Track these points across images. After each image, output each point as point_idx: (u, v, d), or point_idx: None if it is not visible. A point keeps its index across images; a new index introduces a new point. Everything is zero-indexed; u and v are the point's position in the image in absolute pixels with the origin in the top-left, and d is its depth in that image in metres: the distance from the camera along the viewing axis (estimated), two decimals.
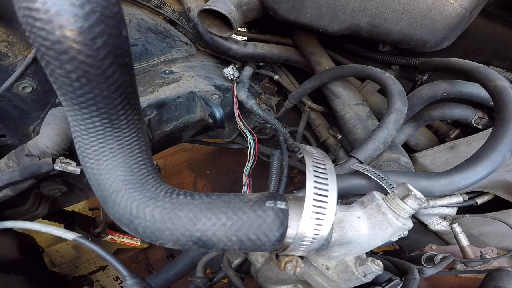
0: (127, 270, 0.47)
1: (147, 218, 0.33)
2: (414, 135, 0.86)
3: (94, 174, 0.35)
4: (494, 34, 0.79)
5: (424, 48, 0.79)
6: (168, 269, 0.60)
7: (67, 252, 1.41)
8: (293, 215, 0.33)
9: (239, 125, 0.93)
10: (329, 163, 0.34)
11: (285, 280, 0.47)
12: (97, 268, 1.43)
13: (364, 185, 0.55)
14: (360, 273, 0.39)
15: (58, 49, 0.23)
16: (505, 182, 0.74)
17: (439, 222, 0.88)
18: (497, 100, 0.53)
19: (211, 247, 0.34)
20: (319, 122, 1.06)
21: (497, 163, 0.50)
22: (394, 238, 0.39)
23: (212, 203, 0.35)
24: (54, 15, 0.22)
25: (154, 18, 1.02)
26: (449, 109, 0.76)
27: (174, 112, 0.84)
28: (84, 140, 0.33)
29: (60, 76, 0.25)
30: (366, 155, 0.64)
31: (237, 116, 0.92)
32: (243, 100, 0.90)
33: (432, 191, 0.53)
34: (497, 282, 0.51)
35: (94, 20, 0.23)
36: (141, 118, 0.35)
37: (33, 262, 0.68)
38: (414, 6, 0.72)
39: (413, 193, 0.35)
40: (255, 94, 1.05)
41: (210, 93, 0.85)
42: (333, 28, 0.85)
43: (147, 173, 0.36)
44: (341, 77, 0.89)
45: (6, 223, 0.53)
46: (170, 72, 0.89)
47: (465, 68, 0.62)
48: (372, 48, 0.97)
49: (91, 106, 0.29)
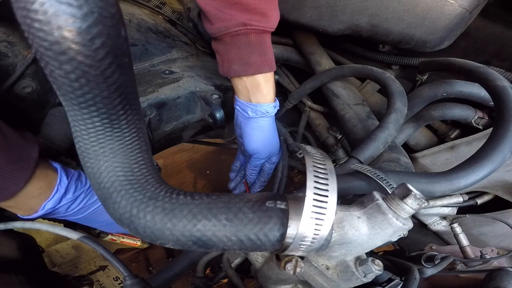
0: (127, 270, 0.47)
1: (147, 218, 0.33)
2: (414, 135, 0.86)
3: (95, 174, 0.35)
4: (494, 34, 0.79)
5: (424, 48, 0.79)
6: (168, 269, 0.60)
7: (67, 252, 1.41)
8: (293, 215, 0.33)
9: None
10: (329, 163, 0.34)
11: (285, 280, 0.47)
12: (97, 268, 1.43)
13: (364, 185, 0.55)
14: (360, 273, 0.39)
15: (57, 49, 0.23)
16: (505, 182, 0.74)
17: (439, 222, 0.88)
18: (497, 100, 0.53)
19: (211, 247, 0.35)
20: (319, 122, 1.06)
21: (497, 163, 0.50)
22: (394, 238, 0.39)
23: (212, 203, 0.35)
24: (52, 16, 0.22)
25: (154, 18, 1.02)
26: (449, 109, 0.76)
27: (174, 112, 0.84)
28: (85, 140, 0.33)
29: (60, 77, 0.25)
30: (366, 155, 0.64)
31: None
32: None
33: (432, 191, 0.53)
34: (497, 282, 0.51)
35: (92, 20, 0.23)
36: (141, 118, 0.35)
37: (33, 262, 0.68)
38: (414, 6, 0.72)
39: (413, 193, 0.35)
40: None
41: (210, 93, 0.85)
42: (333, 28, 0.85)
43: (147, 173, 0.36)
44: (341, 77, 0.89)
45: (15, 224, 0.53)
46: (170, 72, 0.89)
47: (465, 68, 0.62)
48: (372, 48, 0.97)
49: (91, 106, 0.29)
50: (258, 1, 0.60)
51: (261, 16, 0.62)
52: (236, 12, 0.61)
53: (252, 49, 0.66)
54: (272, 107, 0.74)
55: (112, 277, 1.43)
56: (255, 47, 0.66)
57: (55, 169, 0.54)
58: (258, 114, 0.73)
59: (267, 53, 0.68)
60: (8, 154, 0.44)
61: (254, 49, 0.66)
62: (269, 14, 0.64)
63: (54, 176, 0.53)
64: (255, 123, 0.74)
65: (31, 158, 0.48)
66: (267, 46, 0.68)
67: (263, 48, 0.67)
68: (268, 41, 0.68)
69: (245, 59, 0.67)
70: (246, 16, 0.61)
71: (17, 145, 0.47)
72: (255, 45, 0.66)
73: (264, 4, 0.62)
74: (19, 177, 0.47)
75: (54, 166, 0.54)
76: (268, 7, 0.63)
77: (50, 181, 0.52)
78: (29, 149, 0.49)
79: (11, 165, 0.45)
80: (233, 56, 0.67)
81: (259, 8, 0.61)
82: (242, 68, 0.68)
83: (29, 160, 0.48)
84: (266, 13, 0.63)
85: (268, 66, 0.69)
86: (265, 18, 0.63)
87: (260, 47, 0.66)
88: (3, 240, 0.62)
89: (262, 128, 0.75)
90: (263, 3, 0.61)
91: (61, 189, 0.53)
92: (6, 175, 0.45)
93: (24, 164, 0.47)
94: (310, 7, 0.83)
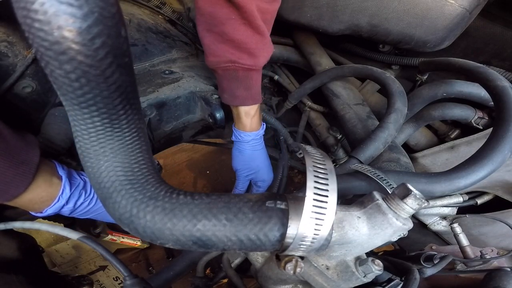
0: (127, 270, 0.47)
1: (147, 217, 0.33)
2: (414, 135, 0.86)
3: (95, 174, 0.35)
4: (494, 34, 0.79)
5: (424, 48, 0.79)
6: (168, 269, 0.60)
7: (67, 252, 1.41)
8: (293, 215, 0.33)
9: None
10: (329, 163, 0.34)
11: (285, 280, 0.47)
12: (97, 268, 1.43)
13: (364, 185, 0.55)
14: (360, 273, 0.39)
15: (57, 49, 0.23)
16: (505, 182, 0.74)
17: (439, 222, 0.88)
18: (497, 100, 0.53)
19: (211, 247, 0.34)
20: (319, 122, 1.06)
21: (497, 163, 0.50)
22: (394, 238, 0.39)
23: (212, 203, 0.35)
24: (53, 16, 0.22)
25: (154, 18, 1.02)
26: (449, 109, 0.76)
27: (174, 112, 0.84)
28: (85, 140, 0.33)
29: (60, 77, 0.25)
30: (366, 155, 0.64)
31: None
32: None
33: (432, 191, 0.53)
34: (497, 282, 0.51)
35: (93, 20, 0.23)
36: (141, 118, 0.35)
37: (33, 262, 0.68)
38: (414, 6, 0.72)
39: (413, 193, 0.35)
40: None
41: (210, 93, 0.85)
42: (333, 28, 0.85)
43: (147, 172, 0.36)
44: (341, 77, 0.89)
45: (14, 224, 0.53)
46: (170, 72, 0.89)
47: (465, 68, 0.62)
48: (372, 48, 0.97)
49: (91, 106, 0.29)
50: (249, 41, 0.66)
51: (248, 55, 0.68)
52: (228, 48, 0.67)
53: (238, 83, 0.72)
54: (248, 136, 0.82)
55: (112, 277, 1.43)
56: (241, 82, 0.72)
57: (59, 177, 0.54)
58: (238, 139, 0.83)
59: (252, 88, 0.74)
60: (9, 158, 0.44)
61: (240, 84, 0.72)
62: (257, 54, 0.69)
63: (58, 185, 0.53)
64: (236, 145, 0.86)
65: (32, 163, 0.48)
66: (254, 81, 0.74)
67: (248, 84, 0.73)
68: (254, 77, 0.73)
69: (232, 91, 0.74)
70: (236, 54, 0.67)
71: (18, 148, 0.47)
72: (241, 80, 0.72)
73: (255, 44, 0.67)
74: (20, 181, 0.47)
75: (59, 174, 0.54)
76: (257, 47, 0.68)
77: (53, 191, 0.52)
78: (30, 153, 0.49)
79: (12, 170, 0.45)
80: (224, 86, 0.75)
81: (249, 48, 0.67)
82: (230, 99, 0.76)
83: (30, 165, 0.48)
84: (254, 53, 0.68)
85: (252, 100, 0.76)
86: (252, 58, 0.68)
87: (246, 83, 0.73)
88: (3, 240, 0.62)
89: (240, 150, 0.85)
90: (254, 43, 0.67)
91: (62, 200, 0.53)
92: (7, 179, 0.44)
93: (26, 168, 0.47)
94: (310, 7, 0.83)
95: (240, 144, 0.84)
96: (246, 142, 0.83)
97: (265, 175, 0.90)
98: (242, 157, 0.86)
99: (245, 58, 0.68)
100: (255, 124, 0.82)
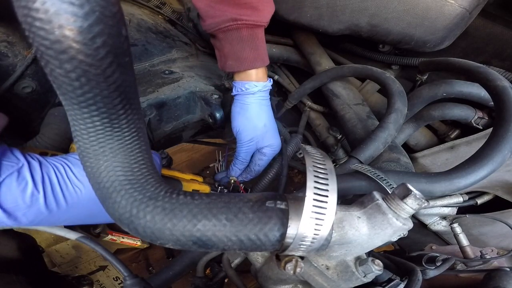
0: (127, 270, 0.47)
1: (147, 218, 0.33)
2: (414, 135, 0.86)
3: (94, 174, 0.35)
4: (494, 34, 0.79)
5: (424, 48, 0.79)
6: (168, 269, 0.60)
7: (67, 252, 1.41)
8: (293, 215, 0.33)
9: None
10: (329, 163, 0.34)
11: (285, 280, 0.47)
12: (97, 268, 1.43)
13: (364, 185, 0.55)
14: (360, 273, 0.39)
15: (57, 48, 0.23)
16: (505, 182, 0.74)
17: (439, 222, 0.88)
18: (497, 100, 0.53)
19: (211, 247, 0.34)
20: (319, 122, 1.06)
21: (497, 163, 0.50)
22: (394, 238, 0.39)
23: (212, 203, 0.35)
24: (54, 14, 0.22)
25: (154, 18, 1.02)
26: (449, 109, 0.76)
27: (174, 112, 0.84)
28: (84, 139, 0.33)
29: (60, 76, 0.25)
30: (366, 155, 0.64)
31: None
32: None
33: (432, 191, 0.53)
34: (497, 282, 0.51)
35: (94, 19, 0.23)
36: (141, 118, 0.35)
37: (33, 262, 0.68)
38: (414, 6, 0.72)
39: (413, 193, 0.35)
40: None
41: (210, 93, 0.85)
42: (333, 28, 0.85)
43: (147, 172, 0.36)
44: (341, 77, 0.89)
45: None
46: (170, 72, 0.89)
47: (465, 68, 0.62)
48: (372, 48, 0.97)
49: (91, 106, 0.29)
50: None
51: (252, 10, 0.61)
52: (227, 7, 0.60)
53: (244, 44, 0.65)
54: (254, 86, 0.70)
55: (112, 277, 1.43)
56: (247, 42, 0.65)
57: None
58: (241, 90, 0.71)
59: (259, 48, 0.67)
60: None
61: (246, 44, 0.65)
62: (261, 8, 0.62)
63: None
64: (238, 100, 0.72)
65: None
66: (260, 40, 0.67)
67: (255, 43, 0.66)
68: (260, 35, 0.66)
69: (238, 54, 0.66)
70: (236, 11, 0.60)
71: None
72: (246, 40, 0.65)
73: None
74: None
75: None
76: (259, 0, 0.62)
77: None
78: None
79: None
80: (227, 51, 0.67)
81: (250, 2, 0.60)
82: (236, 64, 0.68)
83: None
84: (257, 7, 0.62)
85: (261, 61, 0.69)
86: (256, 12, 0.62)
87: (252, 42, 0.65)
88: (3, 240, 0.62)
89: (246, 105, 0.71)
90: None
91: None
92: None
93: None
94: (310, 7, 0.83)
95: (244, 97, 0.71)
96: (251, 94, 0.70)
97: (273, 138, 0.75)
98: (245, 113, 0.71)
99: (248, 14, 0.60)
100: (261, 74, 0.70)
